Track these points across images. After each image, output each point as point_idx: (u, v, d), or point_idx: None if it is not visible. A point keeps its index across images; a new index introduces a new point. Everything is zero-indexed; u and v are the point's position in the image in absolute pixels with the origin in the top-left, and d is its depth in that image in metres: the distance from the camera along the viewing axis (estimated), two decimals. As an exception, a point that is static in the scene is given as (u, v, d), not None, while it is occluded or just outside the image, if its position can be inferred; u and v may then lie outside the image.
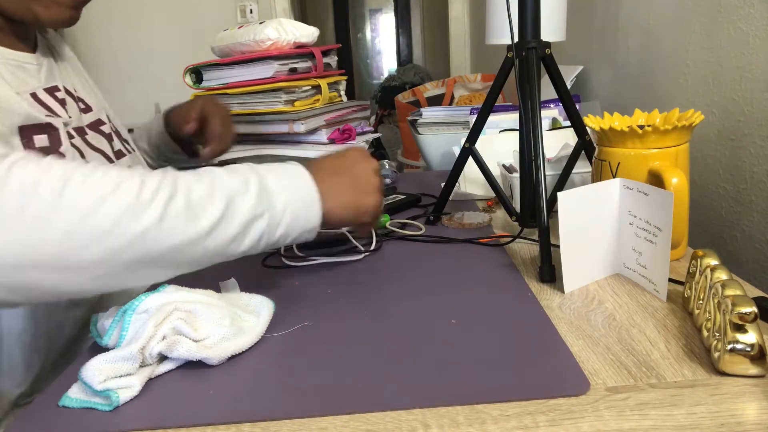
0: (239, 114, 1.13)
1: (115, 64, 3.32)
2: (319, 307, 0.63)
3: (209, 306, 0.54)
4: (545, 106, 1.21)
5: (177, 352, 0.50)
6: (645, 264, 0.62)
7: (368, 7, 6.19)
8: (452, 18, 3.43)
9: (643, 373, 0.47)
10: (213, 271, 0.77)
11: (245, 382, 0.49)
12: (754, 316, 0.44)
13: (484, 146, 0.92)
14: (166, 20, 3.30)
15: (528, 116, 0.76)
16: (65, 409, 0.47)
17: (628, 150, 0.68)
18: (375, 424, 0.43)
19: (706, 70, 0.96)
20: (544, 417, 0.42)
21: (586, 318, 0.57)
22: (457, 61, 3.46)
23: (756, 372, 0.45)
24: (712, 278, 0.51)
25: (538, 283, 0.66)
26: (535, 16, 0.78)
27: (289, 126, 1.08)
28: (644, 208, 0.61)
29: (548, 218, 0.69)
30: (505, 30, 1.13)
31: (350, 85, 4.19)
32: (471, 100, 2.08)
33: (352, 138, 1.16)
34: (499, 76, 0.82)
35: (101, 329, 0.54)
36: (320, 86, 1.12)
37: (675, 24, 1.05)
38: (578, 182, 0.92)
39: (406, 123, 1.91)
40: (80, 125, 0.76)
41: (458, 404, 0.44)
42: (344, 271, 0.73)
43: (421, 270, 0.72)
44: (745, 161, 0.87)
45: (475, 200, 1.04)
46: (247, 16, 3.34)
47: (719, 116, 0.93)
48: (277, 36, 1.07)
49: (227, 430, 0.43)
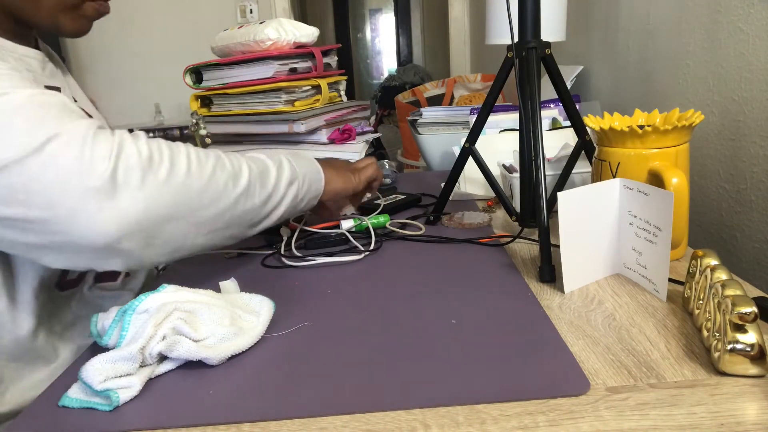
0: (239, 114, 1.13)
1: (116, 64, 3.32)
2: (319, 307, 0.63)
3: (209, 306, 0.54)
4: (545, 106, 1.21)
5: (177, 352, 0.50)
6: (645, 264, 0.62)
7: (368, 7, 6.19)
8: (452, 18, 3.44)
9: (643, 373, 0.47)
10: (213, 271, 0.77)
11: (245, 382, 0.49)
12: (754, 316, 0.44)
13: (484, 146, 0.92)
14: (166, 20, 3.30)
15: (528, 116, 0.76)
16: (65, 409, 0.47)
17: (628, 150, 0.68)
18: (375, 424, 0.43)
19: (706, 70, 0.96)
20: (544, 417, 0.42)
21: (586, 318, 0.57)
22: (457, 61, 3.46)
23: (756, 372, 0.45)
24: (712, 278, 0.51)
25: (538, 283, 0.66)
26: (535, 16, 0.78)
27: (289, 126, 1.08)
28: (644, 208, 0.61)
29: (548, 218, 0.69)
30: (505, 30, 1.13)
31: (350, 85, 4.20)
32: (471, 100, 2.08)
33: (352, 138, 1.16)
34: (499, 76, 0.82)
35: (101, 329, 0.54)
36: (320, 86, 1.12)
37: (675, 24, 1.05)
38: (578, 182, 0.92)
39: (406, 123, 1.91)
40: None
41: (458, 404, 0.44)
42: (344, 271, 0.73)
43: (421, 270, 0.72)
44: (745, 161, 0.87)
45: (475, 200, 1.04)
46: (247, 16, 3.35)
47: (719, 116, 0.93)
48: (277, 36, 1.07)
49: (227, 430, 0.43)
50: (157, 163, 0.55)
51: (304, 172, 0.74)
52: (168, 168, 0.56)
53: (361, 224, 0.86)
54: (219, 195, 0.60)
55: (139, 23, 3.29)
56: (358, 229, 0.86)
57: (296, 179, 0.71)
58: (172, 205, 0.56)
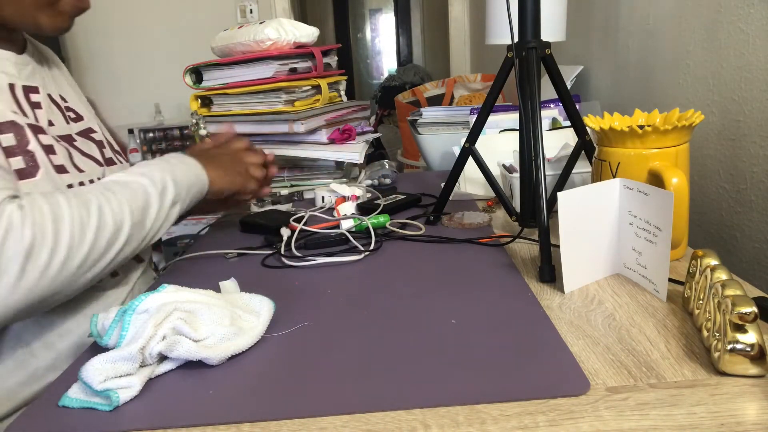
0: (239, 114, 1.13)
1: (115, 65, 3.32)
2: (319, 307, 0.63)
3: (209, 306, 0.55)
4: (545, 106, 1.21)
5: (177, 352, 0.50)
6: (645, 264, 0.62)
7: (368, 7, 6.19)
8: (452, 18, 3.44)
9: (643, 373, 0.47)
10: (213, 271, 0.77)
11: (245, 382, 0.49)
12: (754, 316, 0.44)
13: (484, 146, 0.92)
14: (166, 20, 3.30)
15: (528, 116, 0.76)
16: (65, 409, 0.47)
17: (628, 150, 0.68)
18: (375, 424, 0.43)
19: (706, 70, 0.96)
20: (544, 417, 0.42)
21: (586, 318, 0.57)
22: (457, 61, 3.46)
23: (756, 372, 0.45)
24: (712, 278, 0.51)
25: (538, 283, 0.66)
26: (535, 16, 0.78)
27: (289, 126, 1.08)
28: (644, 208, 0.61)
29: (548, 218, 0.69)
30: (505, 30, 1.13)
31: (350, 85, 4.19)
32: (471, 100, 2.08)
33: (352, 138, 1.16)
34: (499, 76, 0.82)
35: (101, 329, 0.54)
36: (320, 86, 1.12)
37: (675, 24, 1.05)
38: (578, 182, 0.92)
39: (406, 123, 1.91)
40: (68, 133, 0.77)
41: (458, 404, 0.44)
42: (344, 271, 0.73)
43: (421, 270, 0.72)
44: (745, 161, 0.87)
45: (475, 200, 1.04)
46: (247, 16, 3.35)
47: (719, 116, 0.93)
48: (277, 36, 1.07)
49: (227, 430, 0.43)
50: (38, 249, 0.57)
51: (188, 185, 0.76)
52: (49, 252, 0.57)
53: (361, 224, 0.86)
54: (100, 255, 0.63)
55: (139, 23, 3.29)
56: (358, 229, 0.86)
57: (179, 198, 0.74)
58: (53, 285, 0.59)
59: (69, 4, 0.71)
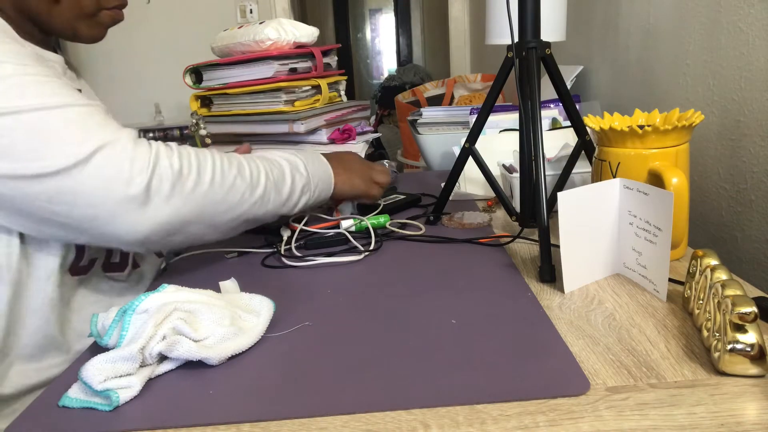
0: (239, 114, 1.13)
1: (116, 65, 3.32)
2: (319, 307, 0.63)
3: (209, 306, 0.55)
4: (545, 106, 1.21)
5: (177, 352, 0.50)
6: (645, 264, 0.62)
7: (368, 7, 6.19)
8: (452, 18, 3.44)
9: (643, 373, 0.47)
10: (213, 271, 0.77)
11: (245, 382, 0.49)
12: (754, 316, 0.44)
13: (484, 146, 0.92)
14: (166, 20, 3.30)
15: (528, 116, 0.76)
16: (65, 409, 0.47)
17: (628, 150, 0.68)
18: (375, 424, 0.43)
19: (706, 70, 0.96)
20: (544, 417, 0.42)
21: (586, 318, 0.57)
22: (457, 61, 3.46)
23: (756, 372, 0.45)
24: (712, 278, 0.51)
25: (538, 283, 0.66)
26: (535, 16, 0.78)
27: (289, 126, 1.08)
28: (644, 208, 0.61)
29: (548, 218, 0.69)
30: (505, 30, 1.13)
31: (350, 85, 4.20)
32: (471, 100, 2.08)
33: (352, 138, 1.16)
34: (499, 76, 0.82)
35: (101, 329, 0.54)
36: (320, 86, 1.12)
37: (675, 24, 1.05)
38: (578, 182, 0.92)
39: (406, 123, 1.91)
40: None
41: (458, 404, 0.44)
42: (344, 271, 0.73)
43: (421, 270, 0.72)
44: (745, 161, 0.87)
45: (475, 200, 1.04)
46: (247, 16, 3.35)
47: (719, 116, 0.93)
48: (277, 36, 1.07)
49: (227, 430, 0.43)
50: (186, 176, 0.64)
51: (317, 179, 0.80)
52: (195, 180, 0.65)
53: (361, 224, 0.86)
54: (236, 203, 0.69)
55: (139, 23, 3.29)
56: (358, 229, 0.86)
57: (309, 189, 0.78)
58: (194, 212, 0.65)
59: (107, 16, 0.76)
